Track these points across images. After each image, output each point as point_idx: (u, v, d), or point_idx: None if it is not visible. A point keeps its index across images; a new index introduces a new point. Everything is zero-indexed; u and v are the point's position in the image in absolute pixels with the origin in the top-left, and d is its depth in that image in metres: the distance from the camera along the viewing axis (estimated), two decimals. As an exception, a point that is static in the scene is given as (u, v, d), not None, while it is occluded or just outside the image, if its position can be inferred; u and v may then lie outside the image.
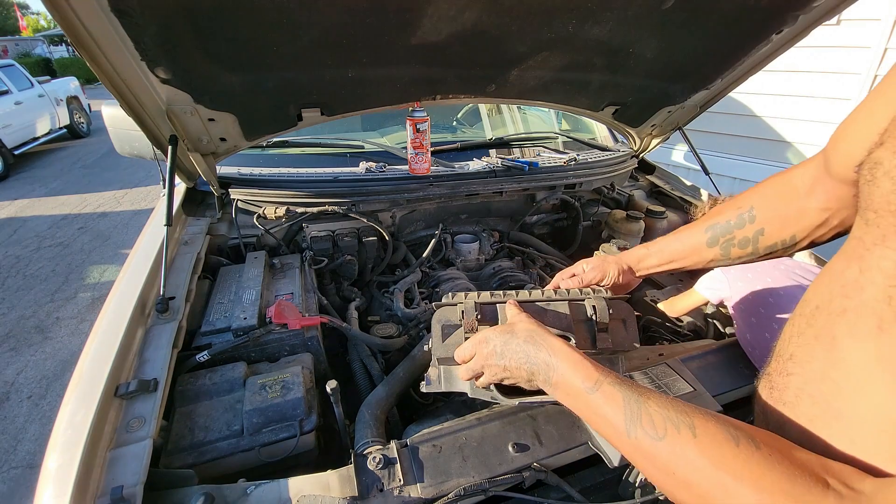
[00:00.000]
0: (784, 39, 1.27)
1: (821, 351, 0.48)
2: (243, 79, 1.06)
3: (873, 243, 0.44)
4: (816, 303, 0.52)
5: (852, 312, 0.45)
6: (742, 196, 0.82)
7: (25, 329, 3.15)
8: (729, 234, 0.81)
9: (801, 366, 0.51)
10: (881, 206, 0.43)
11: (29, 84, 7.63)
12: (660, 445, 0.50)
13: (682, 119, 1.74)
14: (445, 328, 0.81)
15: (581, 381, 0.60)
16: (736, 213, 0.80)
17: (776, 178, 0.77)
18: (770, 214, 0.76)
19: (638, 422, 0.52)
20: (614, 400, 0.56)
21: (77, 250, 4.27)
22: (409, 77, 1.21)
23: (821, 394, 0.47)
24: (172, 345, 0.95)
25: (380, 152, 1.70)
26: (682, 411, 0.51)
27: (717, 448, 0.46)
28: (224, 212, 1.51)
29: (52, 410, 2.46)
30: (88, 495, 0.66)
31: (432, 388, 0.84)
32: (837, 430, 0.45)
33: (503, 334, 0.71)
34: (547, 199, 1.80)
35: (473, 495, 0.71)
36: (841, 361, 0.45)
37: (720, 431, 0.48)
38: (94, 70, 0.87)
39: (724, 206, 0.84)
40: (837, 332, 0.46)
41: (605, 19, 1.08)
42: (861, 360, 0.43)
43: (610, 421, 0.56)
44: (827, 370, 0.47)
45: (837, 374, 0.46)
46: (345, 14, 0.91)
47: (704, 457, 0.47)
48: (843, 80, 3.25)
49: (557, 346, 0.65)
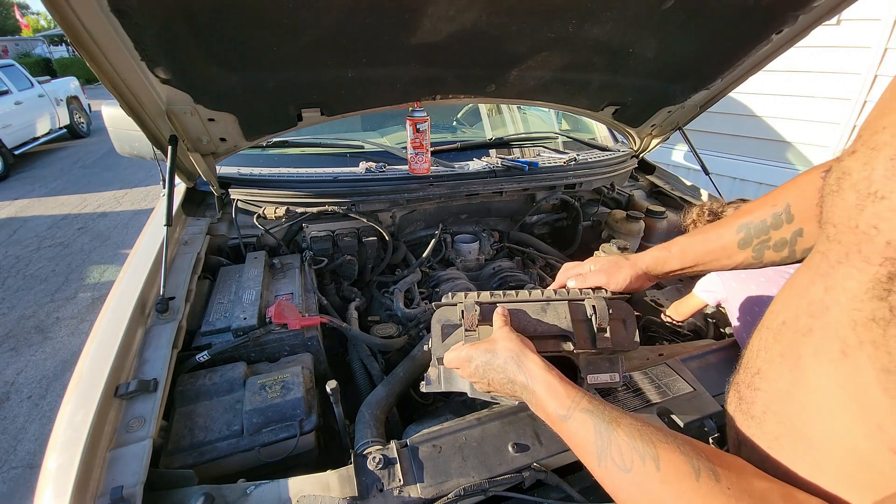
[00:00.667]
0: (784, 39, 1.27)
1: (786, 371, 0.48)
2: (243, 79, 1.06)
3: (837, 261, 0.42)
4: (783, 318, 0.51)
5: (818, 333, 0.44)
6: (775, 193, 0.73)
7: (25, 329, 3.15)
8: (765, 236, 0.72)
9: (767, 383, 0.51)
10: (842, 220, 0.41)
11: (29, 84, 7.63)
12: (627, 477, 0.51)
13: (682, 119, 1.74)
14: (445, 328, 0.81)
15: (554, 408, 0.61)
16: (770, 210, 0.72)
17: (814, 172, 0.70)
18: (810, 213, 0.67)
19: (608, 451, 0.53)
20: (586, 428, 0.57)
21: (77, 250, 4.27)
22: (409, 77, 1.21)
23: (787, 414, 0.47)
24: (172, 345, 0.95)
25: (380, 152, 1.70)
26: (648, 441, 0.52)
27: (678, 482, 0.47)
28: (224, 212, 1.51)
29: (52, 410, 2.46)
30: (88, 495, 0.66)
31: (432, 388, 0.84)
32: (802, 452, 0.45)
33: (485, 353, 0.72)
34: (547, 199, 1.80)
35: (473, 495, 0.71)
36: (805, 384, 0.45)
37: (682, 464, 0.48)
38: (94, 70, 0.87)
39: (755, 205, 0.76)
40: (803, 353, 0.45)
41: (605, 19, 1.08)
42: (825, 384, 0.42)
43: (584, 448, 0.57)
44: (792, 391, 0.46)
45: (802, 397, 0.45)
46: (345, 14, 0.91)
47: (667, 492, 0.48)
48: (843, 80, 3.25)
49: (534, 370, 0.66)
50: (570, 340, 0.79)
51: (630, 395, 0.93)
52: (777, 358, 0.50)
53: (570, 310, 0.82)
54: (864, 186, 0.39)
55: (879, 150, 0.38)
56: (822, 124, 3.47)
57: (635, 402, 0.91)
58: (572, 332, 0.79)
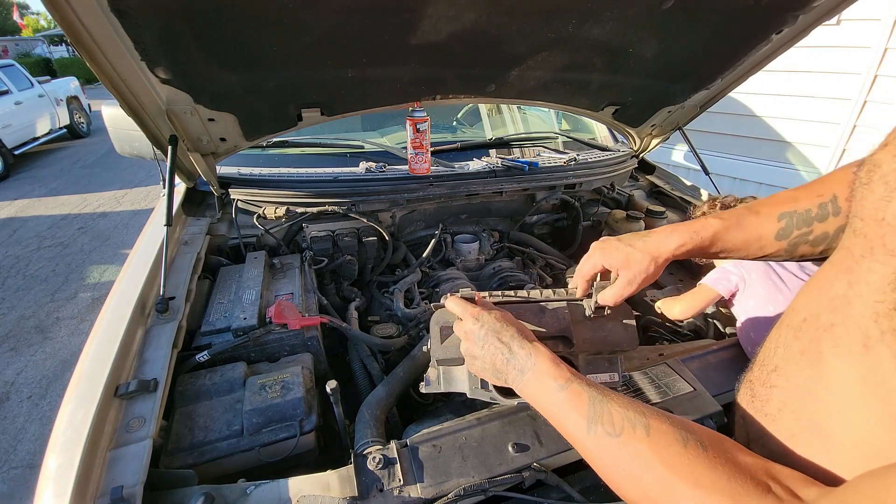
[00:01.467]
0: (784, 39, 1.27)
1: (806, 367, 0.48)
2: (243, 79, 1.06)
3: (861, 255, 0.42)
4: (804, 315, 0.51)
5: (839, 328, 0.44)
6: (819, 182, 0.67)
7: (25, 329, 3.15)
8: (807, 228, 0.65)
9: (785, 380, 0.51)
10: (869, 213, 0.42)
11: (29, 84, 7.63)
12: (615, 441, 0.52)
13: (682, 119, 1.74)
14: (444, 329, 0.81)
15: (552, 378, 0.62)
16: (817, 201, 0.64)
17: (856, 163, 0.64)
18: None
19: (599, 420, 0.55)
20: (580, 398, 0.58)
21: (77, 250, 4.27)
22: (409, 77, 1.21)
23: (804, 410, 0.47)
24: (172, 345, 0.95)
25: (380, 152, 1.70)
26: (640, 412, 0.53)
27: (666, 448, 0.48)
28: (224, 212, 1.51)
29: (51, 410, 2.46)
30: (88, 495, 0.66)
31: (432, 389, 0.84)
32: (818, 447, 0.45)
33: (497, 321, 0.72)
34: (547, 199, 1.80)
35: (473, 495, 0.71)
36: (826, 378, 0.45)
37: (672, 433, 0.49)
38: (94, 70, 0.87)
39: (797, 192, 0.68)
40: (823, 348, 0.46)
41: (605, 19, 1.08)
42: (846, 378, 0.42)
43: (570, 418, 0.58)
44: (812, 387, 0.47)
45: (822, 392, 0.45)
46: (345, 14, 0.91)
47: (653, 455, 0.49)
48: (843, 80, 3.25)
49: (536, 345, 0.68)
50: (569, 341, 0.79)
51: (630, 395, 0.92)
52: (797, 355, 0.50)
53: (569, 310, 0.82)
54: (892, 179, 0.39)
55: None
56: (822, 124, 3.47)
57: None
58: (571, 333, 0.79)
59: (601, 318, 0.83)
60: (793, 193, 0.69)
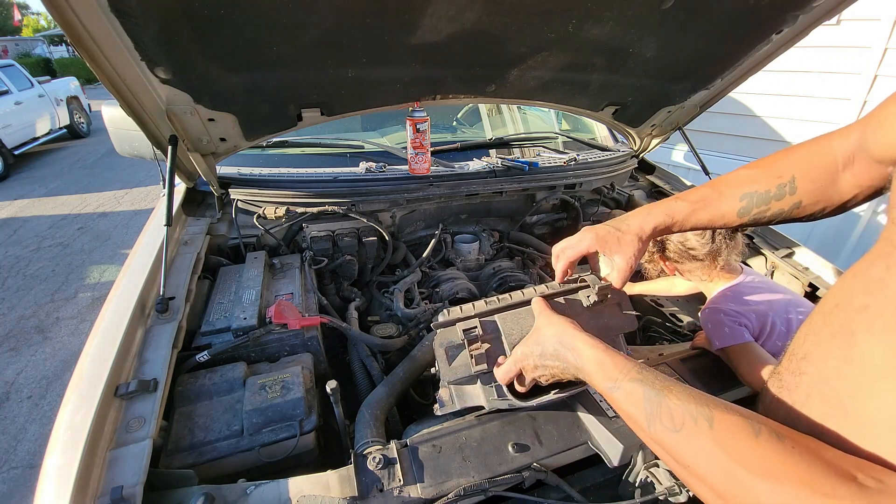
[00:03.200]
0: (784, 39, 1.27)
1: (837, 349, 0.47)
2: (243, 79, 1.06)
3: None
4: (836, 301, 0.50)
5: (873, 308, 0.44)
6: (779, 161, 0.73)
7: (25, 329, 3.15)
8: (765, 206, 0.73)
9: (815, 364, 0.50)
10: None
11: (29, 84, 7.63)
12: (676, 437, 0.50)
13: (682, 119, 1.74)
14: (449, 350, 0.81)
15: (602, 381, 0.62)
16: (776, 181, 0.72)
17: (816, 146, 0.71)
18: (811, 187, 0.69)
19: (657, 415, 0.53)
20: (634, 397, 0.57)
21: (77, 250, 4.27)
22: (409, 77, 1.21)
23: (833, 391, 0.46)
24: (172, 345, 0.95)
25: (380, 152, 1.70)
26: (702, 403, 0.51)
27: (733, 439, 0.46)
28: (224, 212, 1.51)
29: (51, 410, 2.46)
30: (88, 495, 0.66)
31: (447, 410, 0.83)
32: (848, 427, 0.44)
33: (536, 345, 0.73)
34: (547, 199, 1.80)
35: (473, 495, 0.71)
36: (857, 358, 0.44)
37: (740, 423, 0.47)
38: (94, 70, 0.87)
39: (759, 172, 0.75)
40: (856, 328, 0.45)
41: (605, 19, 1.08)
42: (878, 355, 0.42)
43: (632, 417, 0.57)
44: (842, 367, 0.46)
45: (852, 371, 0.45)
46: (345, 14, 0.91)
47: (718, 447, 0.46)
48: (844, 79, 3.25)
49: (581, 348, 0.67)
50: None
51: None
52: (828, 339, 0.49)
53: (567, 306, 0.82)
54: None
55: None
56: (822, 124, 3.47)
57: (635, 402, 0.91)
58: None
59: (598, 306, 0.84)
60: (754, 173, 0.75)
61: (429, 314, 1.34)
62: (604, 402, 0.87)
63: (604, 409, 0.85)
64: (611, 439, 0.79)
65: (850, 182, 0.66)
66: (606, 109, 1.63)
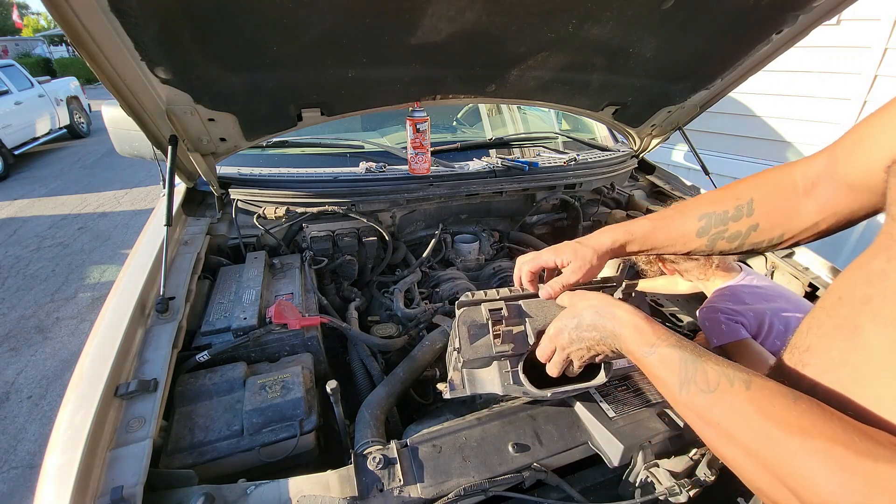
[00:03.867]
0: (784, 39, 1.27)
1: (841, 339, 0.48)
2: (243, 79, 1.06)
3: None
4: (839, 294, 0.51)
5: (877, 299, 0.44)
6: (740, 185, 0.77)
7: (25, 329, 3.15)
8: (723, 227, 0.75)
9: (818, 356, 0.51)
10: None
11: (29, 84, 7.63)
12: (709, 397, 0.51)
13: (682, 119, 1.74)
14: (472, 329, 0.79)
15: (639, 345, 0.62)
16: (734, 203, 0.75)
17: (777, 172, 0.74)
18: (767, 209, 0.72)
19: (692, 378, 0.53)
20: (670, 361, 0.57)
21: (77, 250, 4.27)
22: (409, 77, 1.21)
23: (837, 380, 0.47)
24: (172, 345, 0.95)
25: (380, 152, 1.70)
26: (741, 370, 0.51)
27: (769, 401, 0.46)
28: (224, 212, 1.51)
29: (51, 410, 2.46)
30: (88, 495, 0.65)
31: (457, 394, 0.82)
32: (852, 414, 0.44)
33: (572, 318, 0.73)
34: (547, 199, 1.80)
35: (473, 495, 0.71)
36: (862, 347, 0.45)
37: (779, 389, 0.47)
38: (94, 70, 0.87)
39: (720, 194, 0.78)
40: (860, 320, 0.46)
41: (605, 19, 1.08)
42: (883, 344, 0.43)
43: (664, 381, 0.57)
44: (847, 356, 0.46)
45: (857, 359, 0.45)
46: (345, 14, 0.91)
47: (751, 405, 0.46)
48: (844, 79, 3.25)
49: (620, 314, 0.67)
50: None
51: (630, 394, 0.93)
52: (831, 331, 0.50)
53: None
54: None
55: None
56: (823, 124, 3.47)
57: (635, 401, 0.91)
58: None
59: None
60: (717, 195, 0.78)
61: (429, 314, 1.34)
62: (604, 403, 0.87)
63: (604, 410, 0.85)
64: (611, 439, 0.79)
65: (812, 209, 0.67)
66: (606, 109, 1.63)
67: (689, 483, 0.77)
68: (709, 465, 0.79)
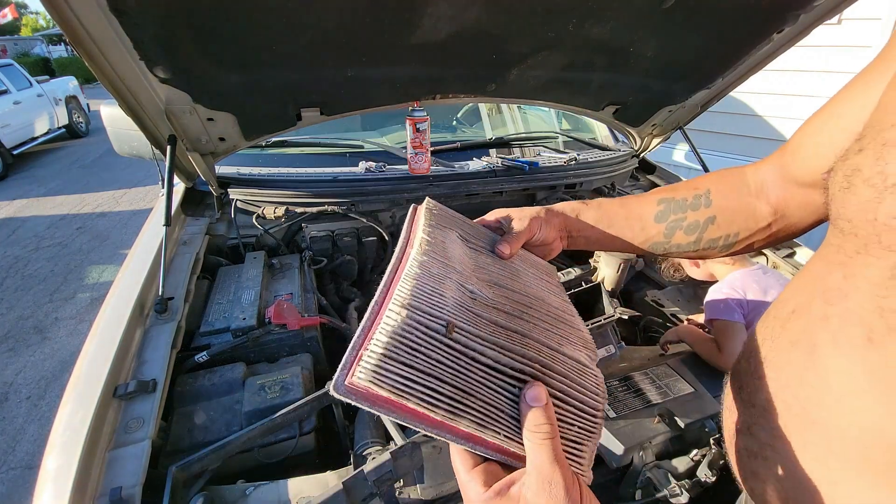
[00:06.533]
0: (785, 39, 1.27)
1: (798, 357, 0.46)
2: (242, 78, 1.06)
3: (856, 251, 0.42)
4: (793, 306, 0.50)
5: (836, 319, 0.43)
6: (697, 178, 0.76)
7: (24, 329, 3.14)
8: (681, 213, 0.73)
9: (775, 371, 0.50)
10: (856, 214, 0.42)
11: (28, 84, 7.62)
12: None
13: (683, 118, 1.74)
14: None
15: None
16: (692, 192, 0.73)
17: (730, 170, 0.74)
18: (724, 203, 0.71)
19: None
20: None
21: (76, 250, 4.26)
22: (408, 77, 1.20)
23: (796, 399, 0.46)
24: (171, 345, 0.94)
25: (379, 152, 1.70)
26: None
27: None
28: (223, 212, 1.51)
29: (50, 411, 2.46)
30: (87, 496, 0.65)
31: None
32: (813, 436, 0.44)
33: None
34: (547, 199, 1.80)
35: (474, 496, 0.71)
36: (821, 369, 0.44)
37: None
38: (93, 70, 0.87)
39: (678, 185, 0.77)
40: (819, 340, 0.44)
41: (606, 19, 1.08)
42: (846, 370, 0.41)
43: None
44: (804, 375, 0.45)
45: (817, 381, 0.44)
46: (344, 14, 0.91)
47: None
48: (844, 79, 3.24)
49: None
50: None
51: (631, 395, 0.92)
52: (787, 346, 0.49)
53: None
54: (879, 181, 0.39)
55: (892, 146, 0.39)
56: (822, 124, 3.47)
57: (636, 402, 0.91)
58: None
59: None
60: (675, 185, 0.77)
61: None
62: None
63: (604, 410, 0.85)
64: (611, 439, 0.79)
65: (765, 210, 0.67)
66: (607, 109, 1.63)
67: (690, 484, 0.77)
68: (709, 465, 0.79)
